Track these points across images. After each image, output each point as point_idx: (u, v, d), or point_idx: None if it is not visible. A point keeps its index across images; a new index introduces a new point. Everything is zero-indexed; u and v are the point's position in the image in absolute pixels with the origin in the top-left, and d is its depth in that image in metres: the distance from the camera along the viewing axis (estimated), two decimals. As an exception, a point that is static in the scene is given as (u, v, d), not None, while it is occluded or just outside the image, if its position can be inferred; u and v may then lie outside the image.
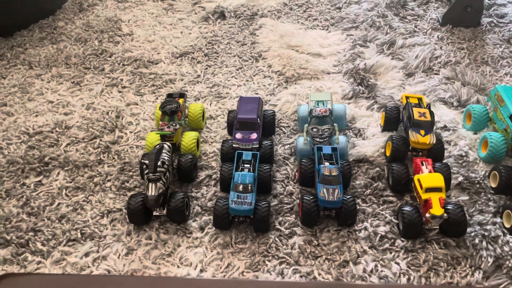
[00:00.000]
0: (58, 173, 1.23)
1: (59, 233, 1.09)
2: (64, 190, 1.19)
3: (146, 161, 1.08)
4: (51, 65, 1.63)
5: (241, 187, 1.07)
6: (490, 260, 0.99)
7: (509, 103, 1.20)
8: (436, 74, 1.54)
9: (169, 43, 1.73)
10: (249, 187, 1.07)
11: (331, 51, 1.64)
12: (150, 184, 1.06)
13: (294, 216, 1.12)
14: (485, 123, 1.27)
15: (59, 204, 1.16)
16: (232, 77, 1.57)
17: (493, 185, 1.13)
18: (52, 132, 1.36)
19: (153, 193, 1.05)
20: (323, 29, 1.78)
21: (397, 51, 1.63)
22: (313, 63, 1.58)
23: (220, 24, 1.82)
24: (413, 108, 1.20)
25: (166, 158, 1.10)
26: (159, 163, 1.07)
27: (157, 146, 1.13)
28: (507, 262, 0.99)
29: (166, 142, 1.18)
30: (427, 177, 1.05)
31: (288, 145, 1.30)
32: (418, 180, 1.06)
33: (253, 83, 1.54)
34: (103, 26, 1.82)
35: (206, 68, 1.61)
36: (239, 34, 1.77)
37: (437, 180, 1.04)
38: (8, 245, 1.06)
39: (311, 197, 1.08)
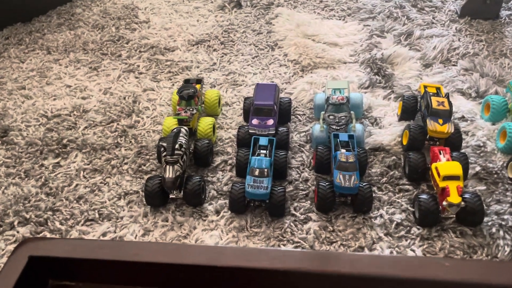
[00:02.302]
0: (76, 155, 1.25)
1: (77, 213, 1.10)
2: (82, 172, 1.20)
3: (164, 144, 1.09)
4: (69, 50, 1.65)
5: (257, 172, 1.07)
6: (507, 249, 0.99)
7: (529, 94, 1.19)
8: (454, 65, 1.52)
9: (185, 31, 1.74)
10: (266, 172, 1.07)
11: (347, 41, 1.64)
12: (167, 166, 1.07)
13: (309, 202, 1.12)
14: (504, 114, 1.26)
15: (77, 185, 1.17)
16: (248, 65, 1.57)
17: (511, 176, 1.13)
18: (70, 116, 1.37)
19: (170, 175, 1.06)
20: (340, 19, 1.77)
21: (415, 42, 1.62)
22: (330, 52, 1.58)
23: (236, 13, 1.83)
24: (431, 97, 1.19)
25: (183, 141, 1.11)
26: (176, 145, 1.08)
27: (175, 130, 1.14)
28: (525, 252, 0.98)
29: (183, 126, 1.18)
30: (445, 165, 1.04)
31: (304, 133, 1.30)
32: (436, 168, 1.05)
33: (269, 71, 1.54)
34: (120, 13, 1.83)
35: (222, 56, 1.62)
36: (255, 23, 1.77)
37: (455, 168, 1.03)
38: (27, 223, 1.08)
39: (327, 183, 1.08)
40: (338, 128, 1.20)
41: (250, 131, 1.21)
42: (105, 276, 0.61)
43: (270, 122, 1.21)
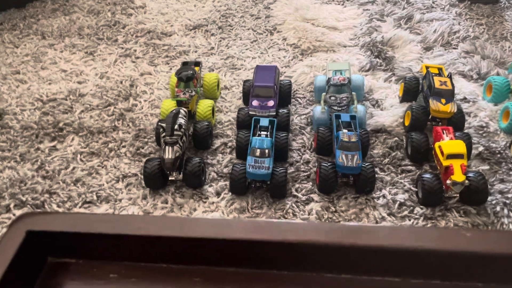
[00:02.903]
0: (73, 139, 1.23)
1: (75, 195, 1.08)
2: (78, 155, 1.18)
3: (163, 124, 1.07)
4: (64, 35, 1.62)
5: (258, 152, 1.06)
6: (512, 227, 0.98)
7: (532, 73, 1.18)
8: (454, 48, 1.51)
9: (182, 15, 1.71)
10: (267, 152, 1.06)
11: (347, 24, 1.62)
12: (167, 147, 1.05)
13: (311, 183, 1.10)
14: (506, 94, 1.25)
15: (74, 168, 1.15)
16: (247, 49, 1.55)
17: (515, 155, 1.12)
18: (66, 100, 1.35)
19: (170, 156, 1.04)
20: (339, 4, 1.75)
21: (415, 25, 1.60)
22: (329, 36, 1.56)
23: (234, -2, 1.80)
24: (434, 77, 1.18)
25: (182, 122, 1.09)
26: (176, 126, 1.06)
27: (174, 111, 1.12)
28: (529, 230, 0.97)
29: (182, 107, 1.16)
30: (448, 143, 1.03)
31: (304, 115, 1.28)
32: (439, 147, 1.04)
33: (268, 55, 1.52)
34: (115, -1, 1.80)
35: (220, 41, 1.59)
36: (253, 8, 1.75)
37: (459, 146, 1.02)
38: (23, 206, 1.05)
39: (329, 164, 1.06)
40: (340, 109, 1.18)
41: (250, 112, 1.19)
42: (107, 252, 0.59)
43: (271, 103, 1.20)
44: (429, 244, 0.49)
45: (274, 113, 1.19)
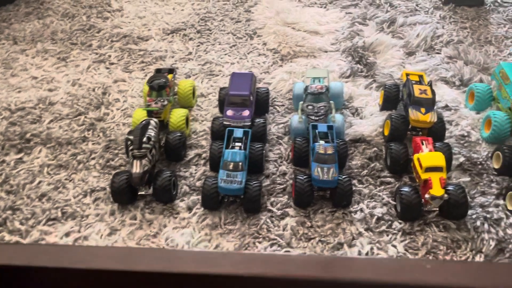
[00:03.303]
0: (40, 150, 1.18)
1: (39, 212, 1.03)
2: (45, 168, 1.13)
3: (131, 137, 1.02)
4: (36, 40, 1.56)
5: (231, 165, 1.01)
6: (492, 243, 0.94)
7: (514, 81, 1.15)
8: (437, 53, 1.48)
9: (160, 19, 1.67)
10: (240, 165, 1.01)
11: (328, 28, 1.58)
12: (134, 161, 1.00)
13: (287, 197, 1.06)
14: (489, 102, 1.22)
15: (40, 182, 1.10)
16: (226, 54, 1.51)
17: (496, 166, 1.08)
18: (35, 109, 1.30)
19: (137, 171, 0.99)
20: (321, 6, 1.71)
21: (398, 29, 1.57)
22: (310, 41, 1.52)
23: (214, 1, 1.75)
24: (414, 85, 1.14)
25: (152, 134, 1.05)
26: (144, 139, 1.01)
27: (143, 122, 1.07)
28: (510, 246, 0.94)
29: (153, 118, 1.12)
30: (427, 156, 0.99)
31: (282, 124, 1.24)
32: (418, 159, 1.00)
33: (247, 61, 1.48)
34: (91, 2, 1.75)
35: (198, 45, 1.55)
36: (234, 11, 1.70)
37: (438, 159, 0.98)
38: (-16, 224, 1.00)
39: (304, 177, 1.02)
40: (317, 118, 1.14)
41: (224, 122, 1.14)
42: (46, 286, 0.55)
43: (246, 113, 1.15)
44: (387, 277, 0.45)
45: (249, 124, 1.15)
